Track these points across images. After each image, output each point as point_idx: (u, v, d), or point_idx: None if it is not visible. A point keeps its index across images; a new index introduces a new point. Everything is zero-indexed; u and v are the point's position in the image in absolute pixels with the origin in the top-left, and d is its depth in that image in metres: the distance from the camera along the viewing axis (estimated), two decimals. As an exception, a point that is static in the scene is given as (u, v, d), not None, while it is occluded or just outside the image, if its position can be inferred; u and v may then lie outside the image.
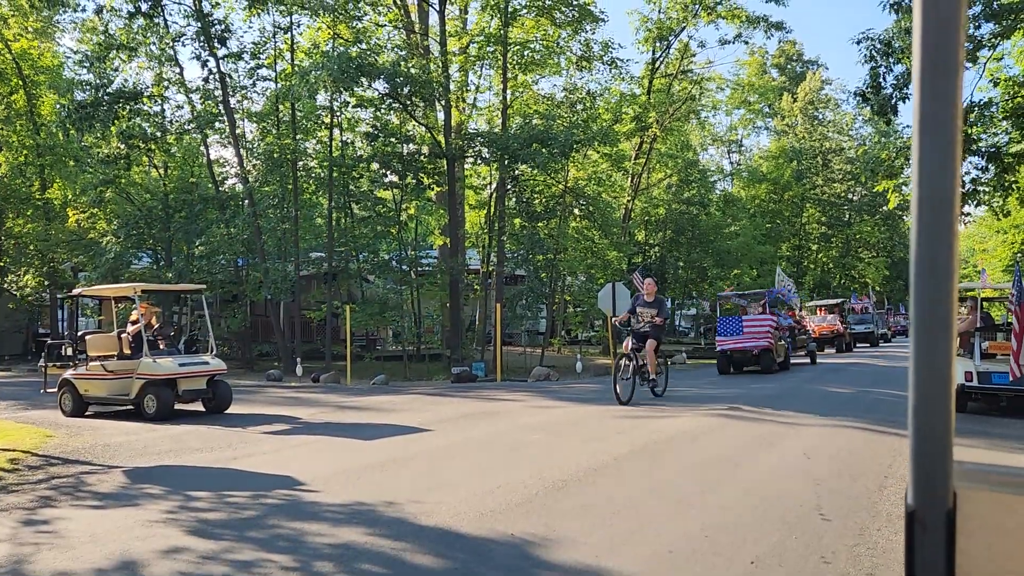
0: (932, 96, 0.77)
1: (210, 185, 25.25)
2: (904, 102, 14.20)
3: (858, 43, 14.34)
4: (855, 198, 50.78)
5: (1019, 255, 29.13)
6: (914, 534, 0.81)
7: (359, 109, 23.82)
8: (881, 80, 14.17)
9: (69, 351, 13.14)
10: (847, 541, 4.73)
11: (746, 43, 34.30)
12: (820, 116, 53.29)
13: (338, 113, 23.66)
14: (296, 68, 23.07)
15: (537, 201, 25.21)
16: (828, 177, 49.35)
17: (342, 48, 21.87)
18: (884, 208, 43.85)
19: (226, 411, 12.37)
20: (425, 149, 23.94)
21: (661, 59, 32.82)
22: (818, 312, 33.11)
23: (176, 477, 7.23)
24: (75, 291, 14.39)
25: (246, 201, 23.73)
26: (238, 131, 24.57)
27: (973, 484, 0.84)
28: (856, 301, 39.83)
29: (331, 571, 4.36)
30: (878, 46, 13.85)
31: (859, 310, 38.20)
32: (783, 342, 20.58)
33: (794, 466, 7.09)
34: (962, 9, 0.77)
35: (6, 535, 5.32)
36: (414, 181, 22.88)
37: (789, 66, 57.79)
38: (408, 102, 22.10)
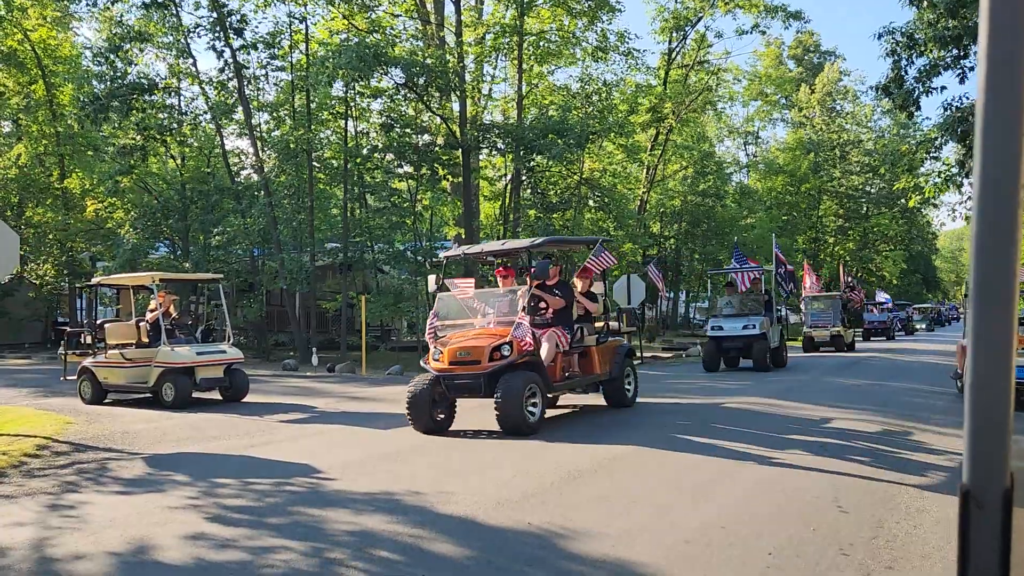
0: (995, 84, 0.76)
1: (226, 176, 25.37)
2: (927, 95, 14.01)
3: (879, 37, 14.14)
4: (873, 191, 50.28)
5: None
6: (969, 514, 0.80)
7: (374, 99, 23.84)
8: (903, 73, 13.98)
9: (88, 339, 13.27)
10: (865, 533, 4.71)
11: (763, 33, 33.95)
12: (838, 108, 52.74)
13: (352, 103, 23.68)
14: (311, 58, 23.10)
15: (552, 192, 25.18)
16: (846, 169, 48.88)
17: (357, 38, 21.88)
18: (902, 201, 43.43)
19: (243, 400, 12.47)
20: (440, 140, 23.93)
21: (678, 49, 32.62)
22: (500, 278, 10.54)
23: (196, 464, 7.30)
24: (94, 280, 14.50)
25: (262, 191, 23.82)
26: (253, 122, 24.65)
27: None
28: (739, 262, 20.31)
29: (351, 557, 4.40)
30: (900, 39, 13.66)
31: (750, 281, 18.56)
32: None
33: (811, 458, 7.06)
34: None
35: (31, 518, 5.40)
36: (429, 172, 22.89)
37: (806, 57, 57.25)
38: (424, 92, 22.09)
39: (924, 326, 50.02)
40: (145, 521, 5.22)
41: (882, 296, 42.65)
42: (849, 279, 30.94)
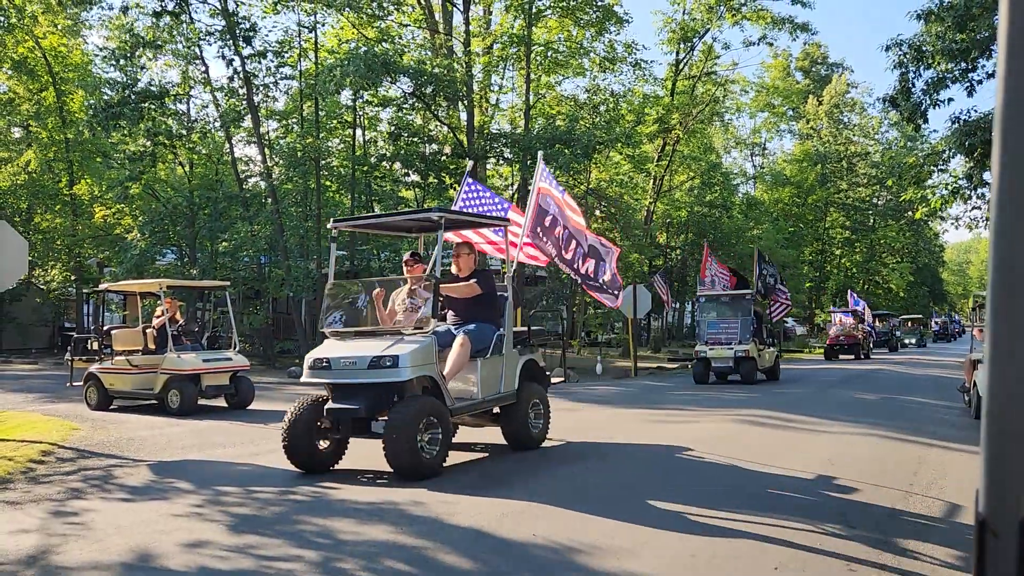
0: (1015, 90, 0.75)
1: (234, 183, 25.47)
2: (935, 107, 14.01)
3: (887, 49, 14.17)
4: (880, 203, 50.15)
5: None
6: (985, 543, 0.79)
7: (382, 108, 23.92)
8: (911, 86, 13.99)
9: (95, 345, 13.30)
10: (872, 549, 4.67)
11: (770, 45, 33.96)
12: (845, 119, 52.67)
13: (360, 112, 23.77)
14: (320, 67, 23.21)
15: (559, 202, 25.10)
16: (853, 181, 48.78)
17: (365, 47, 21.99)
18: (909, 214, 43.28)
19: (248, 407, 12.47)
20: (447, 149, 23.99)
21: (685, 60, 32.66)
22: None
23: (201, 472, 7.30)
24: (101, 286, 14.56)
25: (269, 199, 23.90)
26: (262, 129, 24.75)
27: None
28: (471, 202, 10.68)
29: (357, 568, 4.38)
30: (908, 51, 13.68)
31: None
32: None
33: (817, 472, 7.02)
34: None
35: (36, 525, 5.40)
36: (436, 181, 22.94)
37: (814, 69, 57.17)
38: (431, 101, 22.16)
39: (913, 341, 42.86)
40: (149, 529, 5.22)
41: (858, 303, 33.97)
42: (766, 271, 20.52)
